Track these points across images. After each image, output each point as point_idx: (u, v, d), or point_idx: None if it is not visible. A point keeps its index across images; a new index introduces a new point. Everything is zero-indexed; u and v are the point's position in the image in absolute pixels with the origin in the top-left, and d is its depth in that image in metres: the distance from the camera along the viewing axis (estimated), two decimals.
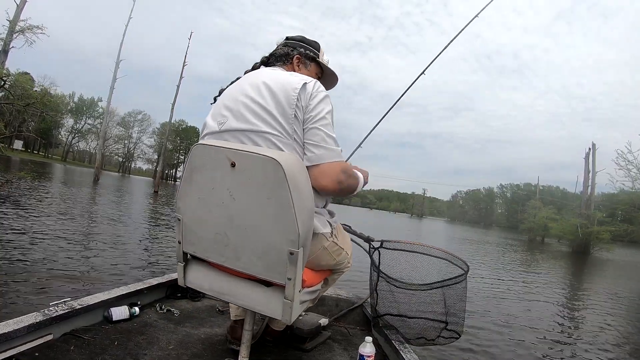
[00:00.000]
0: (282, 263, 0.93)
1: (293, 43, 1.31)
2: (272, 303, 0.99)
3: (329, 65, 1.36)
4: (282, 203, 0.90)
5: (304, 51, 1.30)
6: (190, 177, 1.03)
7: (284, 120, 1.04)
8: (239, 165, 0.93)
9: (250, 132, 1.05)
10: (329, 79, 1.41)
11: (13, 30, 14.50)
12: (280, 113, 1.04)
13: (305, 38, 1.34)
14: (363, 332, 1.90)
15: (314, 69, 1.33)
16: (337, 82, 1.44)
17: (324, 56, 1.36)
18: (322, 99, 1.09)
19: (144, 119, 69.43)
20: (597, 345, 4.09)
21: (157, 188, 23.59)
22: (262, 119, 1.05)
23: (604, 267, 16.43)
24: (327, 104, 1.10)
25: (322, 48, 1.36)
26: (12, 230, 5.24)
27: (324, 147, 1.06)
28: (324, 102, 1.09)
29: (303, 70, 1.29)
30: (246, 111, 1.07)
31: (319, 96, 1.08)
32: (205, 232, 1.03)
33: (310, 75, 1.27)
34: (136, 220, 8.78)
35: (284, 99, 1.05)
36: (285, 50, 1.29)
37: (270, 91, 1.07)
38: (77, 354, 1.19)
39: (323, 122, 1.07)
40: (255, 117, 1.05)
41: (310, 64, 1.32)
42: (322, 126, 1.07)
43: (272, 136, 1.03)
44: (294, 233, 0.90)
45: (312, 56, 1.31)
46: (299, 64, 1.29)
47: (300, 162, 1.02)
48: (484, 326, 4.30)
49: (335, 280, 1.42)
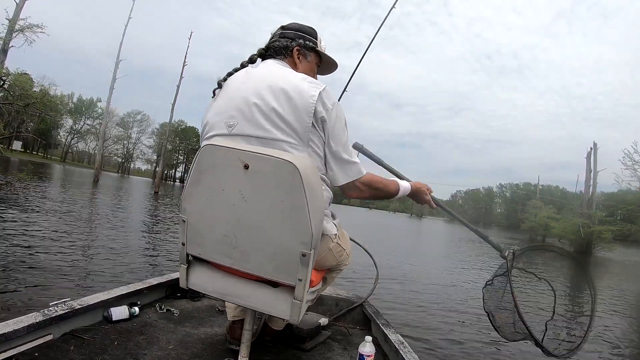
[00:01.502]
0: (293, 264, 0.94)
1: (291, 34, 1.26)
2: (279, 304, 0.99)
3: (326, 52, 1.33)
4: (296, 205, 0.90)
5: (303, 42, 1.25)
6: (199, 178, 1.00)
7: (300, 130, 1.03)
8: (253, 167, 0.93)
9: (265, 139, 1.03)
10: (326, 67, 1.38)
11: (12, 30, 14.34)
12: (297, 122, 1.03)
13: (302, 26, 1.29)
14: (363, 331, 1.90)
15: (314, 59, 1.29)
16: (336, 69, 1.40)
17: (321, 43, 1.32)
18: (338, 113, 1.10)
19: (143, 119, 69.35)
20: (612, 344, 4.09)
21: (157, 189, 23.56)
22: (278, 127, 1.03)
23: (609, 266, 16.43)
24: (341, 117, 1.12)
25: (319, 35, 1.32)
26: (12, 230, 5.24)
27: (342, 167, 1.13)
28: (339, 116, 1.11)
29: (304, 62, 1.26)
30: (261, 116, 1.04)
31: (335, 109, 1.09)
32: (212, 233, 1.01)
33: (311, 67, 1.28)
34: (136, 221, 8.78)
35: (301, 108, 1.03)
36: (284, 42, 1.24)
37: (287, 97, 1.04)
38: (77, 354, 1.19)
39: (342, 138, 1.12)
40: (270, 124, 1.03)
41: (310, 54, 1.27)
42: (341, 144, 1.11)
43: (288, 145, 1.03)
44: (308, 235, 0.91)
45: (311, 46, 1.27)
46: (299, 56, 1.24)
47: (314, 165, 1.02)
48: (487, 326, 4.30)
49: (334, 278, 1.43)
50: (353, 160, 1.15)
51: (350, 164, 1.14)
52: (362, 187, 1.18)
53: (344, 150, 1.12)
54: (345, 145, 1.13)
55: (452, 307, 5.04)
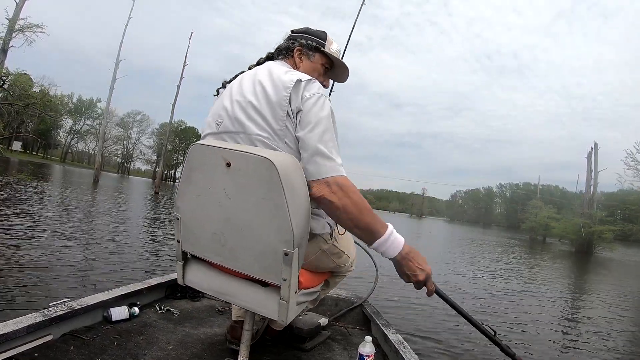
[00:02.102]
0: (278, 263, 0.93)
1: (295, 35, 1.25)
2: (268, 303, 0.99)
3: (338, 56, 1.27)
4: (276, 203, 0.90)
5: (304, 42, 1.22)
6: (189, 176, 1.03)
7: (274, 122, 0.99)
8: (234, 165, 0.93)
9: (243, 134, 1.02)
10: (339, 71, 1.32)
11: (12, 29, 14.29)
12: (271, 114, 0.99)
13: (309, 29, 1.26)
14: (362, 331, 1.90)
15: (318, 60, 1.24)
16: (348, 74, 1.33)
17: (332, 46, 1.26)
18: (316, 102, 1.00)
19: (143, 119, 69.48)
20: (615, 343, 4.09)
21: (157, 189, 23.53)
22: (254, 121, 1.01)
23: (612, 266, 16.44)
24: (322, 107, 1.00)
25: (330, 37, 1.26)
26: (12, 231, 5.23)
27: (314, 158, 0.96)
28: (317, 105, 0.99)
29: (305, 62, 1.22)
30: (240, 112, 1.04)
31: (316, 99, 1.00)
32: (203, 231, 1.03)
33: (314, 67, 1.22)
34: (137, 222, 8.77)
35: (275, 99, 0.99)
36: (287, 43, 1.23)
37: (263, 91, 1.02)
38: (77, 355, 1.19)
39: (320, 127, 0.98)
40: (247, 119, 1.02)
41: (313, 54, 1.23)
42: (317, 133, 0.97)
43: (265, 138, 0.99)
44: (289, 233, 0.90)
45: (314, 46, 1.22)
46: (300, 56, 1.22)
47: (296, 162, 0.97)
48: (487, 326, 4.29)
49: (337, 283, 1.41)
50: (329, 154, 0.97)
51: (324, 158, 0.96)
52: (334, 188, 0.95)
53: (320, 140, 0.97)
54: (323, 136, 0.97)
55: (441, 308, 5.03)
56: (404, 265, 1.02)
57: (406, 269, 1.02)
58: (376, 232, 0.98)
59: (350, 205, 0.94)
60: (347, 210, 0.94)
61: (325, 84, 1.29)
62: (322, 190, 0.95)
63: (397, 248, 1.00)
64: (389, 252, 1.00)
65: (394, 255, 1.00)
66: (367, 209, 0.96)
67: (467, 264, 9.97)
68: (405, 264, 1.01)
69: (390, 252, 1.00)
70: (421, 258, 1.03)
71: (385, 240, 0.98)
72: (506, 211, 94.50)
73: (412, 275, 1.02)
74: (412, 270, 1.02)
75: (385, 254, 1.01)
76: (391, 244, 0.99)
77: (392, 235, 0.99)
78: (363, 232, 0.97)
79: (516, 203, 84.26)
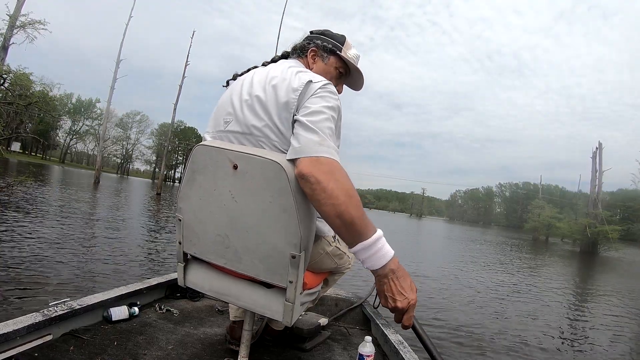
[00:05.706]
0: (284, 266, 0.93)
1: (313, 36, 1.22)
2: (273, 305, 0.98)
3: (355, 62, 1.23)
4: (284, 206, 0.89)
5: (320, 43, 1.18)
6: (192, 178, 1.01)
7: (282, 124, 0.96)
8: (241, 167, 0.92)
9: (251, 135, 0.99)
10: (355, 78, 1.27)
11: (13, 26, 13.94)
12: (279, 116, 0.96)
13: (327, 31, 1.23)
14: (362, 331, 1.90)
15: (333, 63, 1.20)
16: (363, 81, 1.28)
17: (350, 51, 1.22)
18: (322, 96, 0.94)
19: (143, 119, 69.56)
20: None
21: (159, 190, 23.47)
22: (262, 122, 0.97)
23: (622, 266, 16.42)
24: (327, 99, 0.94)
25: (349, 42, 1.22)
26: (12, 231, 5.23)
27: (306, 138, 0.87)
28: (322, 97, 0.94)
29: (319, 64, 1.19)
30: (249, 112, 1.00)
31: (319, 93, 0.95)
32: (206, 233, 1.02)
33: (327, 70, 1.19)
34: (138, 222, 8.77)
35: (284, 100, 0.95)
36: (303, 42, 1.20)
37: (274, 91, 0.97)
38: (77, 354, 1.19)
39: (315, 116, 0.90)
40: (256, 119, 0.98)
41: (328, 57, 1.19)
42: (310, 118, 0.89)
43: (272, 141, 0.97)
44: (296, 236, 0.90)
45: (330, 48, 1.19)
46: (314, 57, 1.19)
47: None
48: (492, 326, 4.30)
49: (336, 280, 1.42)
50: (323, 136, 0.87)
51: (316, 135, 0.87)
52: (325, 168, 0.83)
53: (316, 123, 0.89)
54: (322, 122, 0.89)
55: (452, 307, 5.04)
56: (385, 283, 0.85)
57: (386, 289, 0.86)
58: (361, 231, 0.83)
59: (337, 190, 0.81)
60: (333, 194, 0.80)
61: (339, 89, 1.26)
62: (309, 168, 0.82)
63: (382, 260, 0.84)
64: (372, 261, 0.83)
65: (377, 267, 0.84)
66: (357, 201, 0.83)
67: (480, 265, 9.98)
68: (387, 282, 0.85)
69: (374, 262, 0.83)
70: (408, 282, 0.86)
71: (370, 245, 0.82)
72: (506, 211, 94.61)
73: (391, 298, 0.85)
74: (392, 293, 0.85)
75: (366, 263, 0.85)
76: (376, 253, 0.83)
77: (380, 243, 0.83)
78: (346, 228, 0.82)
79: (516, 203, 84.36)
